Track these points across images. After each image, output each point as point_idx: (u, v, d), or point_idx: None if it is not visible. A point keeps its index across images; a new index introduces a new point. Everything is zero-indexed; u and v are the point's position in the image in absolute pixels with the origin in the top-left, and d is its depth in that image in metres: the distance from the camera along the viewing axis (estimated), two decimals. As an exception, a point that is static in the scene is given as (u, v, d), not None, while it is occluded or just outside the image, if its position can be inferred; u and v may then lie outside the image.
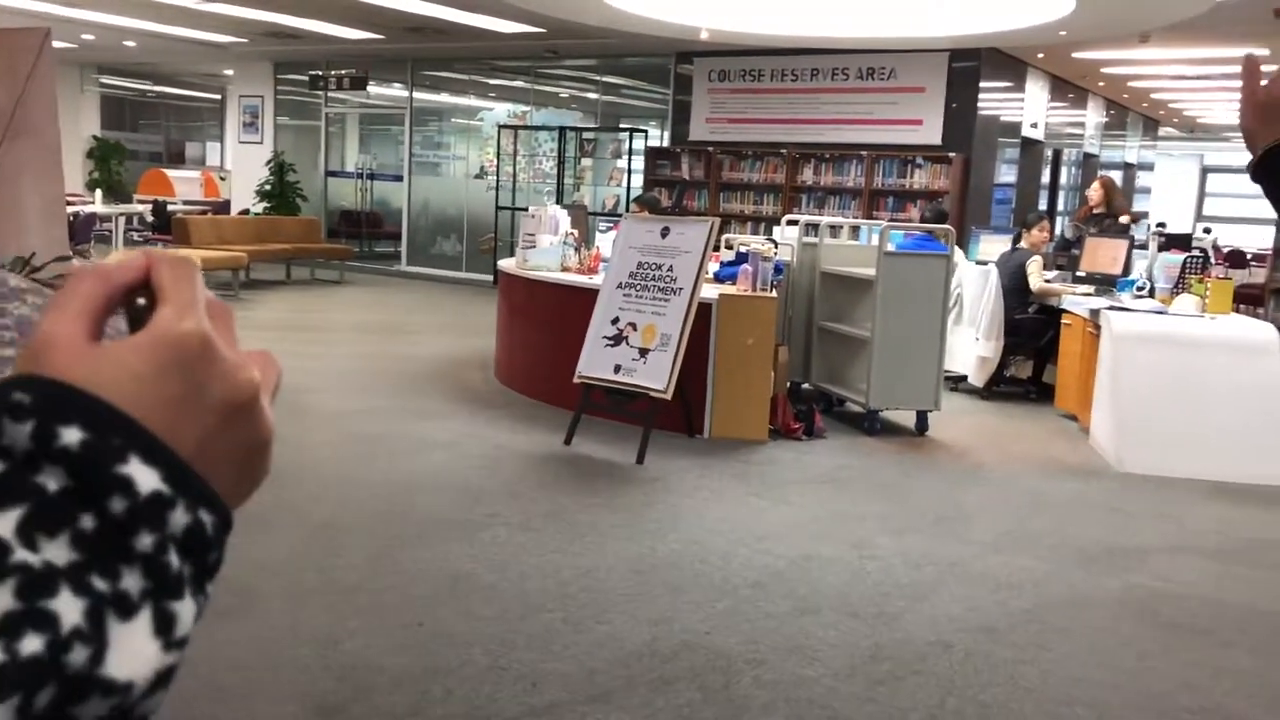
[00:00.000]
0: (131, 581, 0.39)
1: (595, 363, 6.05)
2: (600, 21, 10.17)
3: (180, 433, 0.41)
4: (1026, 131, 12.96)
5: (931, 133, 11.52)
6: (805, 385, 7.31)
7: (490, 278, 13.12)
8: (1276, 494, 5.69)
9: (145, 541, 0.40)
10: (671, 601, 3.88)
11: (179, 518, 0.41)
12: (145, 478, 0.40)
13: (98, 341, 0.42)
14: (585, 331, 6.15)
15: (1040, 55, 11.96)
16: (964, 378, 8.10)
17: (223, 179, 17.58)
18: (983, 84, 11.39)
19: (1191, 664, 3.58)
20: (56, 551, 0.38)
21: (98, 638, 0.38)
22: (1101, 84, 14.43)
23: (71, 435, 0.39)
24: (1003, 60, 11.67)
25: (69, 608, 0.37)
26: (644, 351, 5.92)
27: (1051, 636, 3.73)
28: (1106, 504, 5.40)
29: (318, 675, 3.19)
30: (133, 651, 0.39)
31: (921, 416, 6.73)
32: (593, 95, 14.65)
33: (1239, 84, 1.22)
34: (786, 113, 12.33)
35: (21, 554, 0.37)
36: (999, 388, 8.11)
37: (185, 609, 0.41)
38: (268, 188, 15.81)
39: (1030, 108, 12.99)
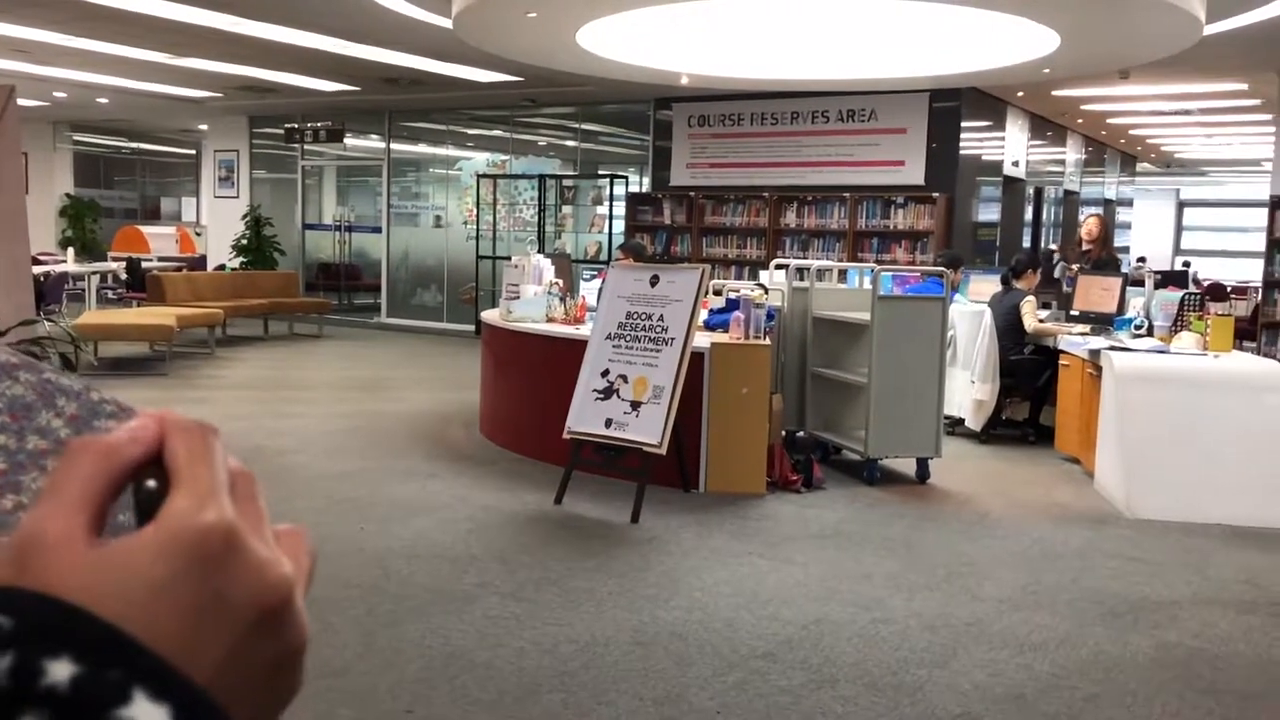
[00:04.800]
0: None
1: (585, 417, 5.83)
2: (578, 69, 10.05)
3: (199, 652, 0.35)
4: (1008, 170, 12.91)
5: (914, 173, 11.44)
6: (800, 434, 7.11)
7: (472, 328, 12.92)
8: (1295, 537, 5.51)
9: None
10: (678, 676, 3.64)
11: None
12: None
13: (98, 537, 0.35)
14: (573, 384, 5.94)
15: (1020, 94, 11.92)
16: (960, 421, 7.93)
17: (198, 234, 17.35)
18: (964, 123, 11.33)
19: (1238, 732, 3.37)
20: None
21: None
22: (1080, 121, 14.42)
23: (60, 671, 0.31)
24: (983, 99, 11.62)
25: None
26: (636, 405, 5.71)
27: (1084, 705, 3.51)
28: (1122, 553, 5.19)
29: (300, 775, 2.93)
30: None
31: (922, 464, 6.54)
32: (572, 143, 14.54)
33: (1215, 118, 1.01)
34: (768, 156, 12.23)
35: None
36: (996, 430, 7.94)
37: None
38: (244, 242, 15.59)
39: (1011, 146, 12.94)
